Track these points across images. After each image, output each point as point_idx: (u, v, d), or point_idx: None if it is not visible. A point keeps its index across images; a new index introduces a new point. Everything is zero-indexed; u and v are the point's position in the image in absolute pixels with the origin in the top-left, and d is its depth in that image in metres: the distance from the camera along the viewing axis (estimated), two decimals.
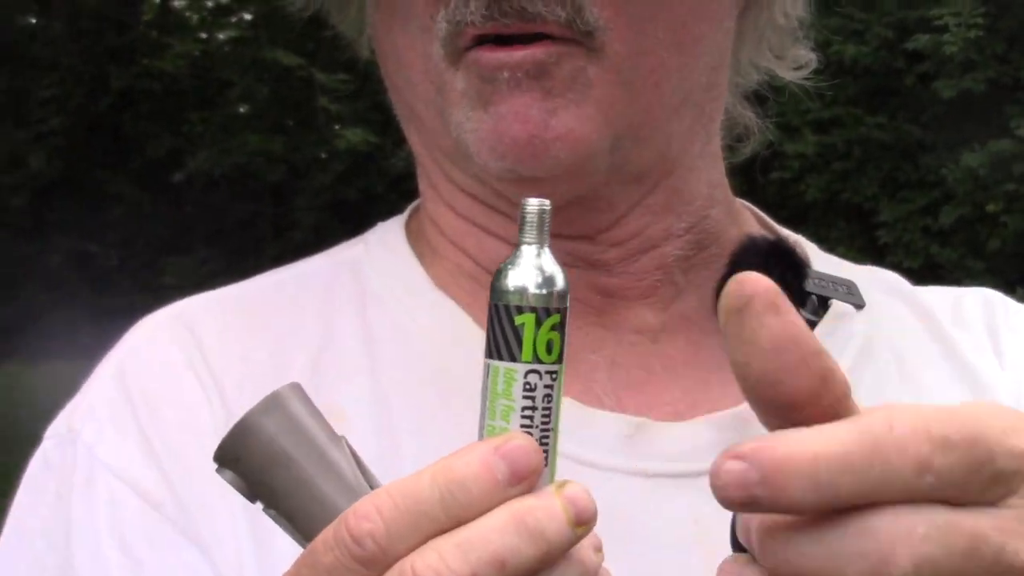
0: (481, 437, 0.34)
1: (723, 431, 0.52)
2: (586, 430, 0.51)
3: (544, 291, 0.33)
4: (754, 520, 0.31)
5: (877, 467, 0.29)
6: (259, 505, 0.35)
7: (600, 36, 0.49)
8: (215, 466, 0.35)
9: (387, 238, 0.60)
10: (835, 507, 0.29)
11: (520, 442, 0.32)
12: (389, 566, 0.31)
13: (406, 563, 0.31)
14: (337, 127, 10.47)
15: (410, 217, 0.61)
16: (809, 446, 0.29)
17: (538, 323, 0.33)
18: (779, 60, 0.60)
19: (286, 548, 0.36)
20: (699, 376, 0.55)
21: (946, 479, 0.29)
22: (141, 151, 10.53)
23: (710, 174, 0.57)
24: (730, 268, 0.55)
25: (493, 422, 0.34)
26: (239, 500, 0.39)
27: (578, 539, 0.32)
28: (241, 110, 11.44)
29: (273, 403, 0.35)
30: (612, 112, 0.50)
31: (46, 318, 8.78)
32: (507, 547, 0.31)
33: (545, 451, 0.34)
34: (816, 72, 0.62)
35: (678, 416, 0.53)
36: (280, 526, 0.35)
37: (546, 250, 0.34)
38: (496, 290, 0.34)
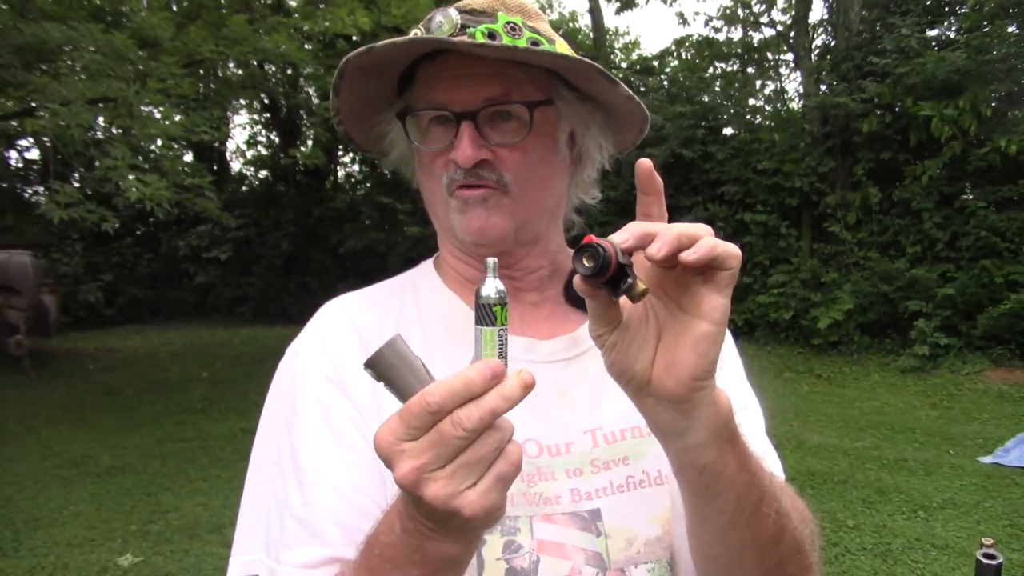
0: (479, 359, 0.58)
1: (564, 343, 0.95)
2: (511, 345, 0.77)
3: (501, 295, 0.59)
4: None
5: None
6: (383, 384, 0.59)
7: (509, 187, 0.87)
8: (363, 368, 0.60)
9: (425, 267, 1.02)
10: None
11: (497, 361, 0.58)
12: (443, 416, 0.57)
13: (451, 415, 0.57)
14: (406, 228, 13.70)
15: (436, 258, 1.02)
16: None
17: (501, 309, 0.58)
18: (586, 194, 1.00)
19: (389, 407, 0.65)
20: (556, 321, 0.97)
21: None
22: (327, 241, 14.99)
23: (557, 240, 0.99)
24: (569, 278, 0.97)
25: (485, 353, 0.59)
26: (370, 384, 0.78)
27: (526, 394, 0.59)
28: (367, 222, 14.67)
29: (390, 343, 0.59)
30: (513, 218, 0.89)
31: (289, 311, 13.75)
32: (495, 404, 0.57)
33: (506, 363, 0.59)
34: (604, 202, 1.04)
35: (548, 337, 0.95)
36: (393, 395, 0.59)
37: (499, 280, 0.59)
38: (480, 297, 0.59)
